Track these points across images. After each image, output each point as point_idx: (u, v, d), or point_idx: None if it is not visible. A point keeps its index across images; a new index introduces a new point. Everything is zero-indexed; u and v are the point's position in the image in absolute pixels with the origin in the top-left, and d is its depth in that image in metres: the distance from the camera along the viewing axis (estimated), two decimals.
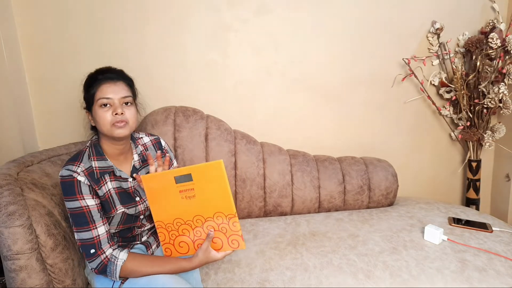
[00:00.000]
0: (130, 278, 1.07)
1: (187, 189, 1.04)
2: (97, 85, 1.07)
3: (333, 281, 1.23)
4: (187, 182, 1.03)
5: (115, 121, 1.05)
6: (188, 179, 1.03)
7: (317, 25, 1.79)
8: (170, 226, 1.10)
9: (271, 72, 1.82)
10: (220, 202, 1.03)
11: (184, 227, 1.09)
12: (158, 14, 1.69)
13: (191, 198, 1.04)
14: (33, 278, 1.04)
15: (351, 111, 1.93)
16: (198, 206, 1.05)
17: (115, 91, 1.06)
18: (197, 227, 1.07)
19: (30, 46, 1.66)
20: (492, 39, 1.71)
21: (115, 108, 1.05)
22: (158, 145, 1.26)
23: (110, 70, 1.11)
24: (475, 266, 1.26)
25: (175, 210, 1.07)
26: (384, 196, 1.77)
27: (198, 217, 1.06)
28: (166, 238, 1.12)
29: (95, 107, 1.06)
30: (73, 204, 1.03)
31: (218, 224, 1.05)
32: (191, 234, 1.09)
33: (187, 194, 1.04)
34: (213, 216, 1.04)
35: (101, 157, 1.10)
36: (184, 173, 1.03)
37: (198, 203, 1.04)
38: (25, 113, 1.69)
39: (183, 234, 1.09)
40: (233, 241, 1.05)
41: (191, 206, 1.05)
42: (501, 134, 1.86)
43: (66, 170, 1.04)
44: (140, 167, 1.19)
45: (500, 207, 2.06)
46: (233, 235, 1.05)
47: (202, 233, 1.07)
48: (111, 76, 1.08)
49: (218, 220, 1.04)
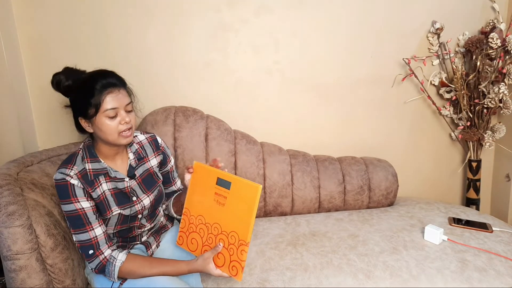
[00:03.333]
0: (129, 279, 1.08)
1: (222, 195, 1.07)
2: (101, 95, 1.02)
3: (333, 281, 1.23)
4: (224, 188, 1.07)
5: (122, 130, 1.05)
6: (227, 186, 1.06)
7: (317, 25, 1.79)
8: (193, 218, 1.13)
9: (271, 72, 1.82)
10: (240, 224, 1.03)
11: (202, 227, 1.11)
12: (158, 14, 1.69)
13: (220, 204, 1.07)
14: (33, 278, 1.04)
15: (351, 111, 1.93)
16: (222, 215, 1.07)
17: (120, 100, 1.04)
18: (212, 234, 1.09)
19: (30, 46, 1.66)
20: (492, 39, 1.71)
21: (122, 118, 1.05)
22: (154, 142, 1.25)
23: (108, 75, 1.06)
24: (475, 266, 1.26)
25: (204, 207, 1.11)
26: (384, 196, 1.77)
27: (217, 225, 1.08)
28: (185, 227, 1.15)
29: (100, 116, 1.03)
30: (69, 207, 1.03)
31: (229, 243, 1.06)
32: (204, 236, 1.11)
33: (220, 199, 1.08)
34: (229, 233, 1.05)
35: (94, 159, 1.10)
36: (226, 179, 1.06)
37: (223, 213, 1.07)
38: (25, 113, 1.69)
39: (197, 232, 1.12)
40: (233, 268, 1.04)
41: (217, 212, 1.08)
42: (501, 134, 1.86)
43: (59, 174, 1.04)
44: (136, 165, 1.18)
45: (500, 207, 2.06)
46: (236, 262, 1.04)
47: (213, 242, 1.09)
48: (112, 82, 1.04)
49: (231, 240, 1.05)
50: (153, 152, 1.24)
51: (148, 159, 1.22)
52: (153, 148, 1.24)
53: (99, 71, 1.08)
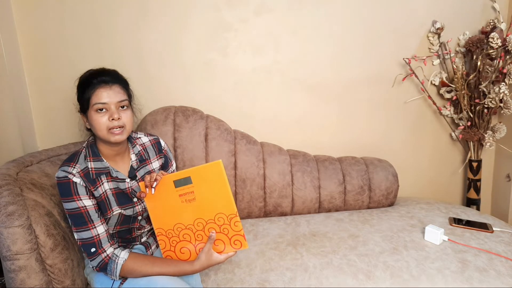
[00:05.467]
0: (130, 279, 1.07)
1: (187, 192, 1.04)
2: (92, 89, 1.04)
3: (333, 281, 1.23)
4: (186, 186, 1.04)
5: (111, 126, 1.04)
6: (187, 182, 1.03)
7: (317, 24, 1.79)
8: (170, 233, 1.09)
9: (271, 72, 1.82)
10: (220, 203, 1.02)
11: (185, 232, 1.08)
12: (157, 14, 1.69)
13: (191, 201, 1.05)
14: (33, 279, 1.04)
15: (351, 111, 1.92)
16: (198, 209, 1.05)
17: (110, 95, 1.04)
18: (198, 230, 1.07)
19: (30, 46, 1.66)
20: (493, 39, 1.71)
21: (111, 113, 1.04)
22: (157, 145, 1.25)
23: (104, 72, 1.08)
24: (476, 266, 1.26)
25: (176, 215, 1.07)
26: (385, 196, 1.77)
27: (199, 220, 1.06)
28: (167, 245, 1.11)
29: (90, 111, 1.04)
30: (71, 205, 1.03)
31: (220, 225, 1.05)
32: (192, 238, 1.09)
33: (187, 197, 1.05)
34: (214, 217, 1.04)
35: (97, 158, 1.10)
36: (183, 177, 1.03)
37: (199, 206, 1.05)
38: (25, 113, 1.69)
39: (184, 240, 1.09)
40: (236, 242, 1.05)
41: (192, 209, 1.05)
42: (501, 134, 1.85)
43: (61, 172, 1.04)
44: (138, 167, 1.18)
45: (501, 207, 2.05)
46: (235, 235, 1.04)
47: (204, 237, 1.07)
48: (106, 79, 1.05)
49: (220, 222, 1.04)
50: (155, 155, 1.23)
51: (150, 162, 1.21)
52: (155, 151, 1.24)
53: (97, 68, 1.10)
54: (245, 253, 1.37)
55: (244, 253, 1.37)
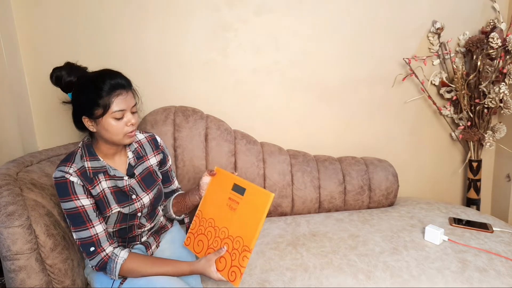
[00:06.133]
0: (129, 278, 1.07)
1: (235, 200, 1.11)
2: (110, 96, 1.01)
3: (333, 281, 1.23)
4: (238, 194, 1.10)
5: (128, 131, 1.06)
6: (241, 192, 1.10)
7: (317, 24, 1.79)
8: (203, 221, 1.16)
9: (271, 71, 1.82)
10: (247, 230, 1.05)
11: (211, 229, 1.14)
12: (157, 14, 1.69)
13: (232, 209, 1.10)
14: (33, 279, 1.04)
15: (351, 111, 1.92)
16: (231, 220, 1.09)
17: (128, 102, 1.05)
18: (218, 237, 1.11)
19: (30, 46, 1.66)
20: (493, 39, 1.71)
21: (129, 119, 1.06)
22: (153, 141, 1.25)
23: (116, 76, 1.05)
24: (476, 266, 1.26)
25: (216, 211, 1.14)
26: (385, 196, 1.77)
27: (225, 229, 1.10)
28: (195, 228, 1.18)
29: (106, 118, 1.02)
30: (69, 204, 1.03)
31: (233, 247, 1.07)
32: (210, 239, 1.13)
33: (232, 204, 1.11)
34: (234, 237, 1.07)
35: (93, 158, 1.09)
36: (242, 185, 1.10)
37: (233, 218, 1.09)
38: (25, 114, 1.69)
39: (205, 235, 1.14)
40: (232, 273, 1.05)
41: (228, 216, 1.10)
42: (501, 134, 1.85)
43: (58, 172, 1.04)
44: (135, 164, 1.18)
45: (501, 207, 2.05)
46: (236, 267, 1.05)
47: (218, 245, 1.11)
48: (122, 83, 1.04)
49: (235, 244, 1.07)
50: (152, 151, 1.24)
51: (148, 158, 1.22)
52: (152, 147, 1.24)
53: (107, 70, 1.06)
54: None
55: None
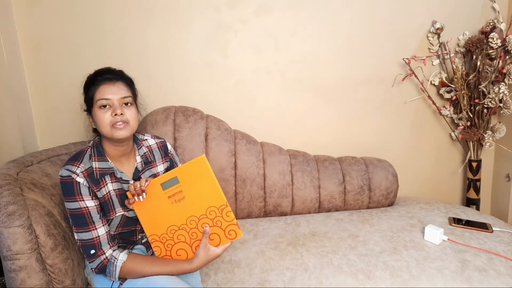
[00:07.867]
0: (129, 279, 1.07)
1: (175, 192, 1.05)
2: (95, 86, 1.06)
3: (333, 281, 1.23)
4: (174, 186, 1.05)
5: (114, 122, 1.04)
6: (174, 183, 1.05)
7: (317, 25, 1.79)
8: (164, 237, 1.09)
9: (271, 72, 1.82)
10: (210, 196, 1.04)
11: (179, 232, 1.09)
12: (158, 14, 1.69)
13: (181, 200, 1.06)
14: (33, 278, 1.04)
15: (351, 111, 1.93)
16: (189, 206, 1.06)
17: (114, 91, 1.05)
18: (192, 228, 1.08)
19: (30, 46, 1.66)
20: (493, 39, 1.71)
21: (114, 109, 1.04)
22: (163, 148, 1.24)
23: (109, 70, 1.10)
24: (476, 266, 1.26)
25: (167, 217, 1.08)
26: (384, 196, 1.77)
27: (192, 218, 1.07)
28: (163, 251, 1.11)
29: (94, 108, 1.05)
30: (73, 205, 1.03)
31: (212, 219, 1.06)
32: (187, 238, 1.09)
33: (176, 197, 1.06)
34: (206, 212, 1.06)
35: (102, 158, 1.10)
36: (170, 178, 1.05)
37: (189, 204, 1.06)
38: (25, 113, 1.69)
39: (179, 241, 1.09)
40: (230, 232, 1.06)
41: (183, 208, 1.06)
42: (501, 134, 1.86)
43: (65, 171, 1.04)
44: (142, 169, 1.17)
45: (501, 207, 2.05)
46: (229, 226, 1.06)
47: (198, 234, 1.08)
48: (110, 76, 1.07)
49: (212, 215, 1.05)
50: (161, 158, 1.23)
51: (156, 164, 1.21)
52: (161, 154, 1.23)
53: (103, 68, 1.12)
54: (245, 253, 1.37)
55: (244, 253, 1.37)
